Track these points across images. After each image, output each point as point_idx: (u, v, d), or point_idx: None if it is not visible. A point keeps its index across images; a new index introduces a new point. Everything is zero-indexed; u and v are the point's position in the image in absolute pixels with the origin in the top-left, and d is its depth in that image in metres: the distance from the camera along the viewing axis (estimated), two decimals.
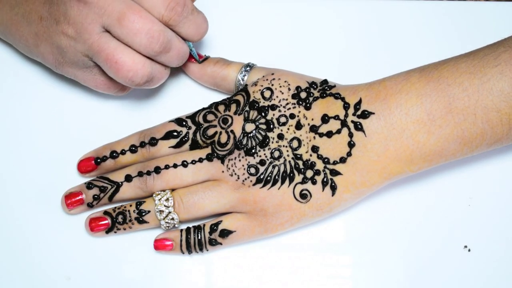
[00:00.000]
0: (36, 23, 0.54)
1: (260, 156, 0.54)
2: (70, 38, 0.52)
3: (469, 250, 0.57)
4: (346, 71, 0.61)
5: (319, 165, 0.54)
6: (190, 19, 0.53)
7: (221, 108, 0.56)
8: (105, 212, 0.56)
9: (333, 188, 0.53)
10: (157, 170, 0.55)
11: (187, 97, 0.61)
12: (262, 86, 0.56)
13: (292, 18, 0.64)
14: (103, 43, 0.51)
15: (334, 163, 0.53)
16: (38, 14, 0.54)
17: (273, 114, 0.55)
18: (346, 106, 0.54)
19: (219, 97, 0.60)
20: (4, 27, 0.57)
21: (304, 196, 0.54)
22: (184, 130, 0.56)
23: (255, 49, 0.62)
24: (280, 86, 0.56)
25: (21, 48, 0.58)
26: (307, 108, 0.55)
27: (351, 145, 0.53)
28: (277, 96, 0.55)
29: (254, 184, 0.54)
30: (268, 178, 0.54)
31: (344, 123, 0.53)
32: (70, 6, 0.51)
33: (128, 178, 0.56)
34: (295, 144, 0.54)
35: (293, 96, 0.55)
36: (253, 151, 0.54)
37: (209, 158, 0.55)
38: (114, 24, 0.51)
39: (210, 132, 0.55)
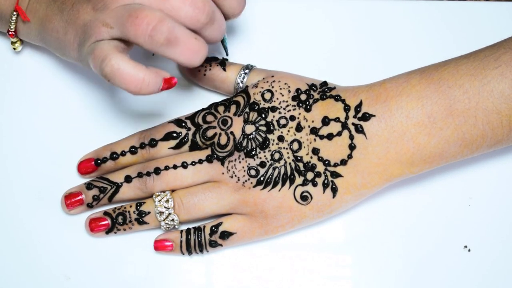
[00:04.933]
0: (68, 10, 0.52)
1: (260, 158, 0.54)
2: (98, 11, 0.50)
3: (469, 250, 0.57)
4: (346, 72, 0.60)
5: (320, 167, 0.54)
6: None
7: (221, 109, 0.56)
8: (105, 213, 0.56)
9: (334, 190, 0.53)
10: (157, 171, 0.55)
11: (187, 97, 0.61)
12: (262, 88, 0.56)
13: (291, 19, 0.64)
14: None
15: (335, 165, 0.53)
16: (71, 1, 0.52)
17: (273, 116, 0.55)
18: (346, 109, 0.54)
19: (219, 97, 0.60)
20: (39, 23, 0.55)
21: (304, 198, 0.54)
22: (184, 131, 0.56)
23: (254, 50, 0.62)
24: (280, 88, 0.55)
25: (51, 43, 0.56)
26: (307, 110, 0.55)
27: (352, 147, 0.53)
28: (277, 98, 0.55)
29: (254, 186, 0.54)
30: (269, 180, 0.54)
31: (344, 126, 0.53)
32: None
33: (128, 179, 0.56)
34: (295, 146, 0.54)
35: (293, 98, 0.55)
36: (253, 153, 0.54)
37: (209, 159, 0.55)
38: (157, 2, 0.49)
39: (210, 133, 0.55)
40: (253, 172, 0.54)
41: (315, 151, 0.54)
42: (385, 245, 0.57)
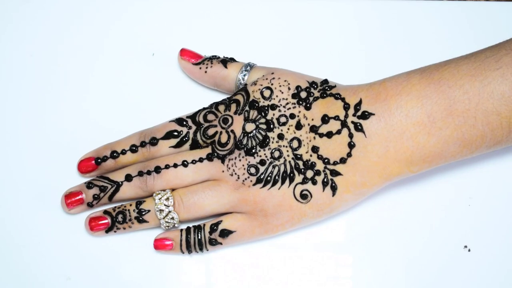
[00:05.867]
0: None
1: (260, 156, 0.54)
2: None
3: (469, 250, 0.57)
4: (346, 71, 0.61)
5: (319, 166, 0.54)
6: None
7: (221, 108, 0.56)
8: (105, 212, 0.56)
9: (334, 189, 0.53)
10: (158, 169, 0.55)
11: (187, 97, 0.61)
12: (261, 85, 0.56)
13: (292, 18, 0.64)
14: None
15: (334, 163, 0.53)
16: None
17: (273, 114, 0.55)
18: (346, 107, 0.54)
19: (219, 97, 0.60)
20: None
21: (304, 196, 0.54)
22: (185, 130, 0.56)
23: (255, 49, 0.62)
24: (280, 86, 0.55)
25: None
26: (307, 108, 0.55)
27: (351, 145, 0.53)
28: (276, 96, 0.55)
29: (254, 184, 0.54)
30: (268, 178, 0.54)
31: (344, 124, 0.53)
32: None
33: (128, 178, 0.56)
34: (295, 144, 0.54)
35: (293, 96, 0.55)
36: (253, 151, 0.54)
37: (209, 157, 0.55)
38: None
39: (211, 132, 0.55)
40: (253, 170, 0.54)
41: (315, 149, 0.54)
42: (385, 245, 0.57)
